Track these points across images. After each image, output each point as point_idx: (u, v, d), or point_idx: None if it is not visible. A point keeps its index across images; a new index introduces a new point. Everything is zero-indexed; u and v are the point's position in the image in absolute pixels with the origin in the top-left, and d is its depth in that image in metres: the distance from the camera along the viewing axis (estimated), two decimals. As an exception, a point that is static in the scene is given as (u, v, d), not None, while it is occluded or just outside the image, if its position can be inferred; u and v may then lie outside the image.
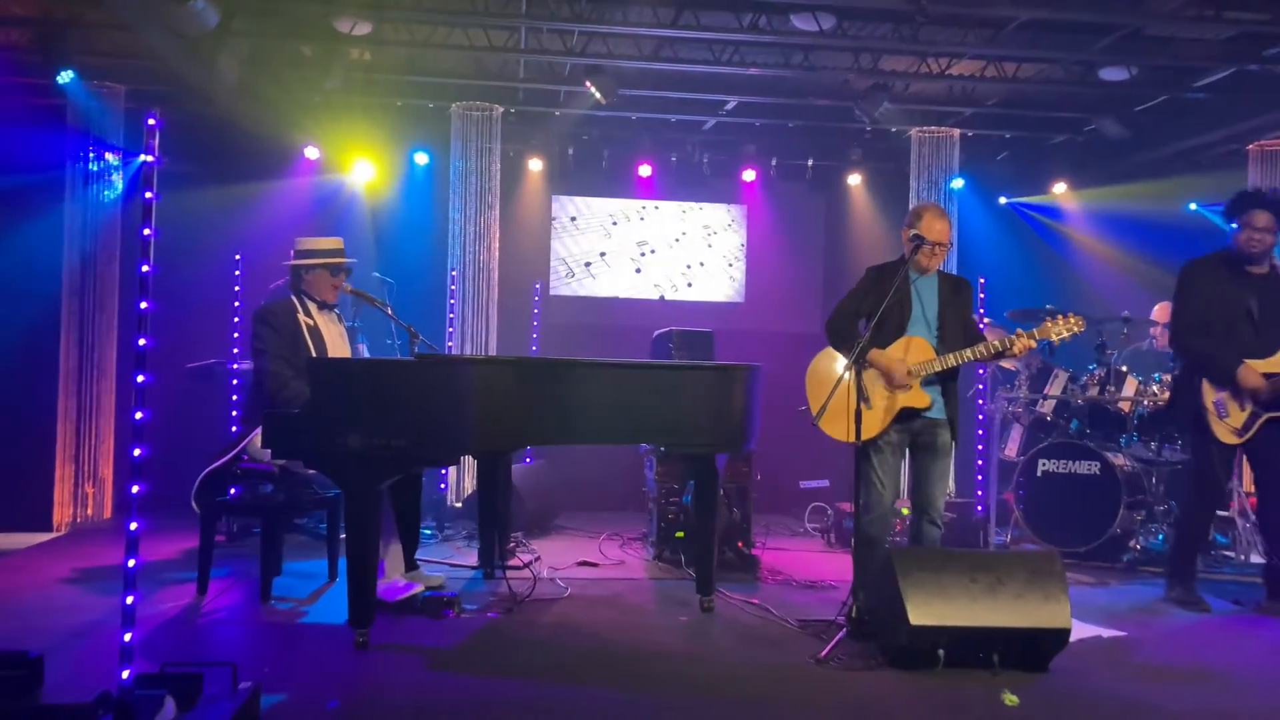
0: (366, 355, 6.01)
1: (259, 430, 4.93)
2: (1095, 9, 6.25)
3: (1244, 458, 5.63)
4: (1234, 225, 5.32)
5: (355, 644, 4.22)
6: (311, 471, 5.02)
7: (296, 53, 7.38)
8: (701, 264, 9.60)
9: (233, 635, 4.54)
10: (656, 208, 9.53)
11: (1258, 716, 3.75)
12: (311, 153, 8.38)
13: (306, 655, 4.23)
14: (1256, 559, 6.48)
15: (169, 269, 7.93)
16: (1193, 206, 8.67)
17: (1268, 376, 5.12)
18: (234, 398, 7.27)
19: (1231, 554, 6.79)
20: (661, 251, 9.54)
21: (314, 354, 4.98)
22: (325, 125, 8.34)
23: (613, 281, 9.47)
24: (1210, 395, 5.26)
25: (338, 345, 5.19)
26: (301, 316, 5.10)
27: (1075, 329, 4.72)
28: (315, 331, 5.08)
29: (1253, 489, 6.05)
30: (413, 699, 3.69)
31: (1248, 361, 5.14)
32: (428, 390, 4.21)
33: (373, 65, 7.73)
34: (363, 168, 8.61)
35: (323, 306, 5.20)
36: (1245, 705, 3.87)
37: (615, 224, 9.49)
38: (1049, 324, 4.73)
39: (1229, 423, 5.23)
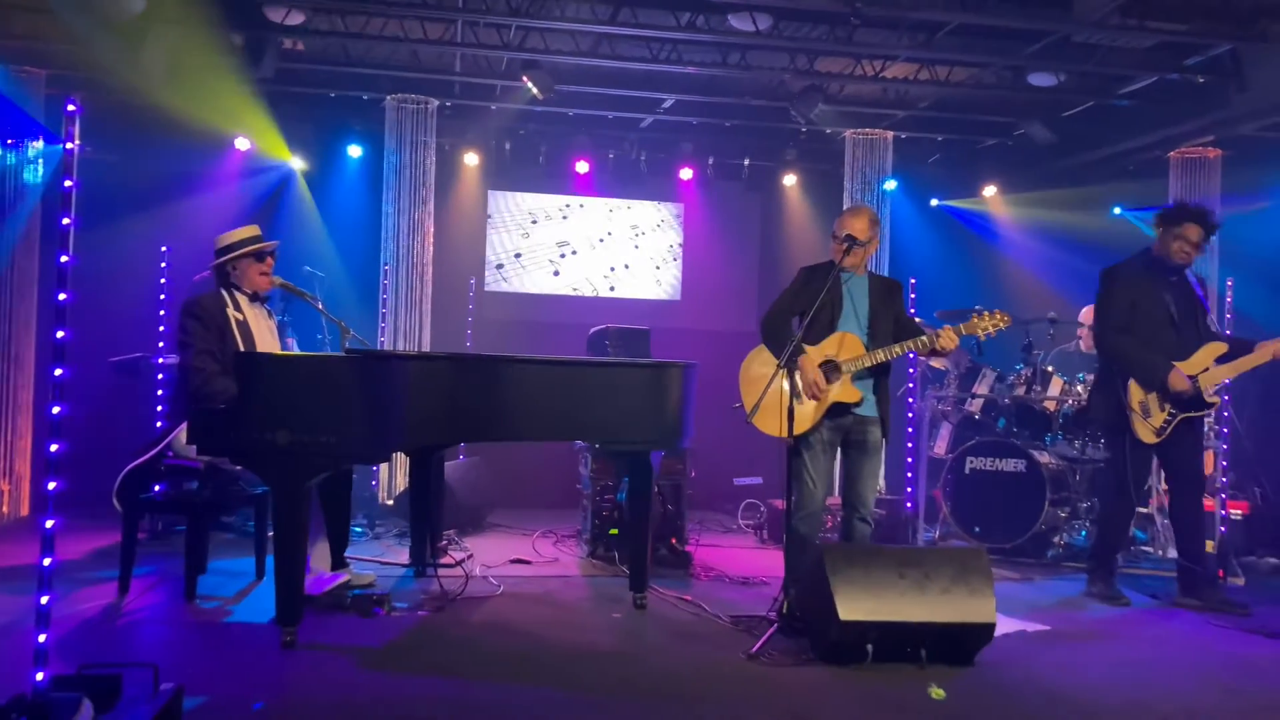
0: (296, 350, 5.90)
1: (184, 426, 4.85)
2: (1025, 15, 6.37)
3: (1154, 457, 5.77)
4: (1164, 232, 5.43)
5: (282, 643, 4.14)
6: (238, 468, 4.93)
7: (227, 41, 7.21)
8: (638, 262, 9.60)
9: (155, 635, 4.43)
10: (594, 204, 9.51)
11: (1174, 705, 3.85)
12: (242, 143, 8.22)
13: (232, 655, 4.15)
14: (1173, 554, 6.67)
15: (92, 260, 7.71)
16: (1117, 211, 8.88)
17: (1189, 379, 5.26)
18: (160, 393, 7.10)
19: (1150, 550, 6.98)
20: (598, 248, 9.53)
21: (242, 349, 4.88)
22: (256, 116, 8.18)
23: (549, 278, 9.43)
24: (1137, 396, 5.36)
25: (267, 340, 5.09)
26: (231, 311, 4.99)
27: (1000, 324, 4.80)
28: (244, 326, 4.98)
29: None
30: (341, 698, 3.64)
31: (1176, 365, 5.27)
32: (357, 386, 4.15)
33: (305, 55, 7.60)
34: (295, 160, 8.47)
35: (253, 299, 5.09)
36: (1162, 694, 3.97)
37: (551, 220, 9.46)
38: (975, 320, 4.81)
39: (1150, 423, 5.35)
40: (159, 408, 6.92)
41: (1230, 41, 6.59)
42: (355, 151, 8.60)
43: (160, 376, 7.06)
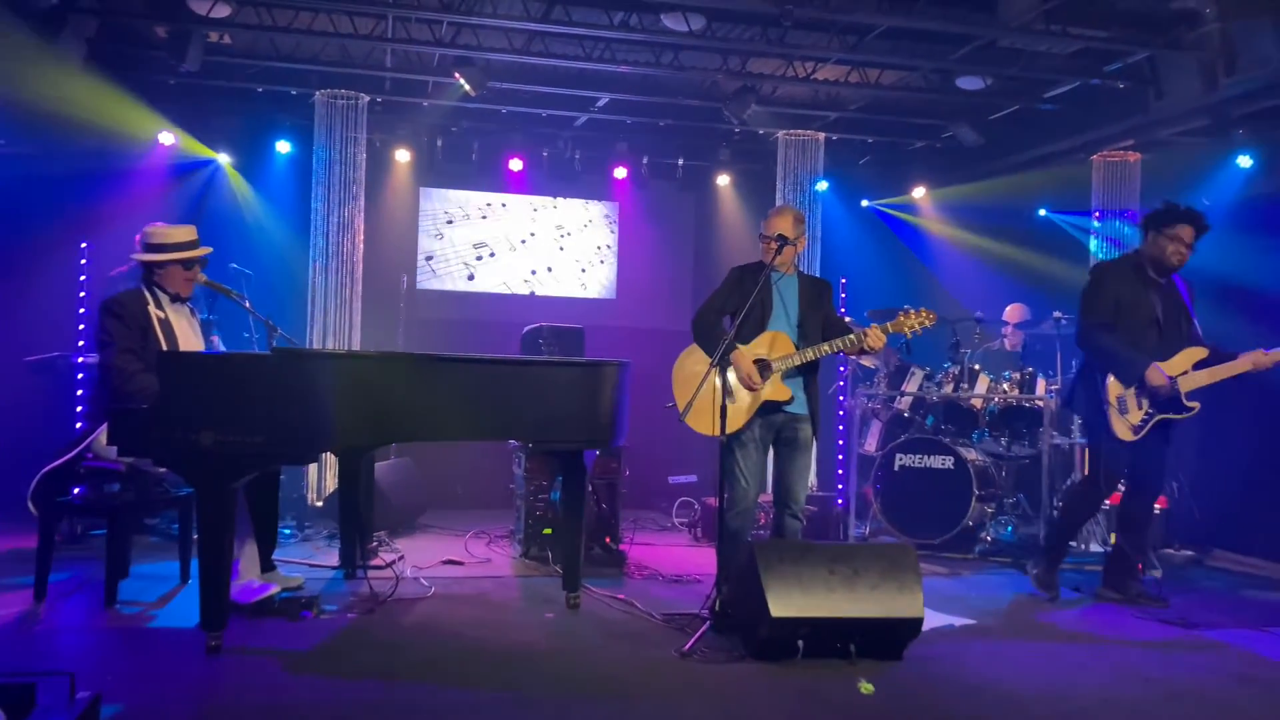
0: (221, 349, 5.78)
1: (104, 427, 4.71)
2: (951, 19, 6.47)
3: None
4: (1155, 234, 5.43)
5: (207, 648, 4.06)
6: (162, 470, 4.81)
7: (150, 33, 7.05)
8: (571, 261, 9.58)
9: (72, 643, 4.30)
10: (526, 202, 9.47)
11: (1094, 695, 3.95)
12: (166, 138, 8.02)
13: (154, 661, 4.05)
14: (1095, 548, 6.84)
15: (5, 257, 7.53)
16: (1042, 213, 9.07)
17: (1168, 378, 5.31)
18: (79, 392, 6.92)
19: (1073, 543, 7.12)
20: (532, 246, 9.49)
21: (164, 348, 4.76)
22: (181, 110, 8.01)
23: (482, 276, 9.37)
24: (1115, 391, 5.38)
25: (190, 339, 4.97)
26: (152, 309, 4.86)
27: (926, 322, 4.86)
28: (166, 325, 4.85)
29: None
30: (267, 703, 3.57)
31: (1155, 363, 5.31)
32: (284, 385, 4.08)
33: (232, 49, 7.45)
34: (222, 155, 8.30)
35: (175, 299, 4.97)
36: (1083, 685, 4.07)
37: (485, 218, 9.40)
38: (902, 318, 4.87)
39: (1128, 419, 5.36)
40: (78, 408, 6.74)
41: (1148, 49, 6.77)
42: (284, 147, 8.45)
43: (80, 376, 6.88)
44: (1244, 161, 7.33)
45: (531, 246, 9.48)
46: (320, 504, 7.57)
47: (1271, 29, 6.09)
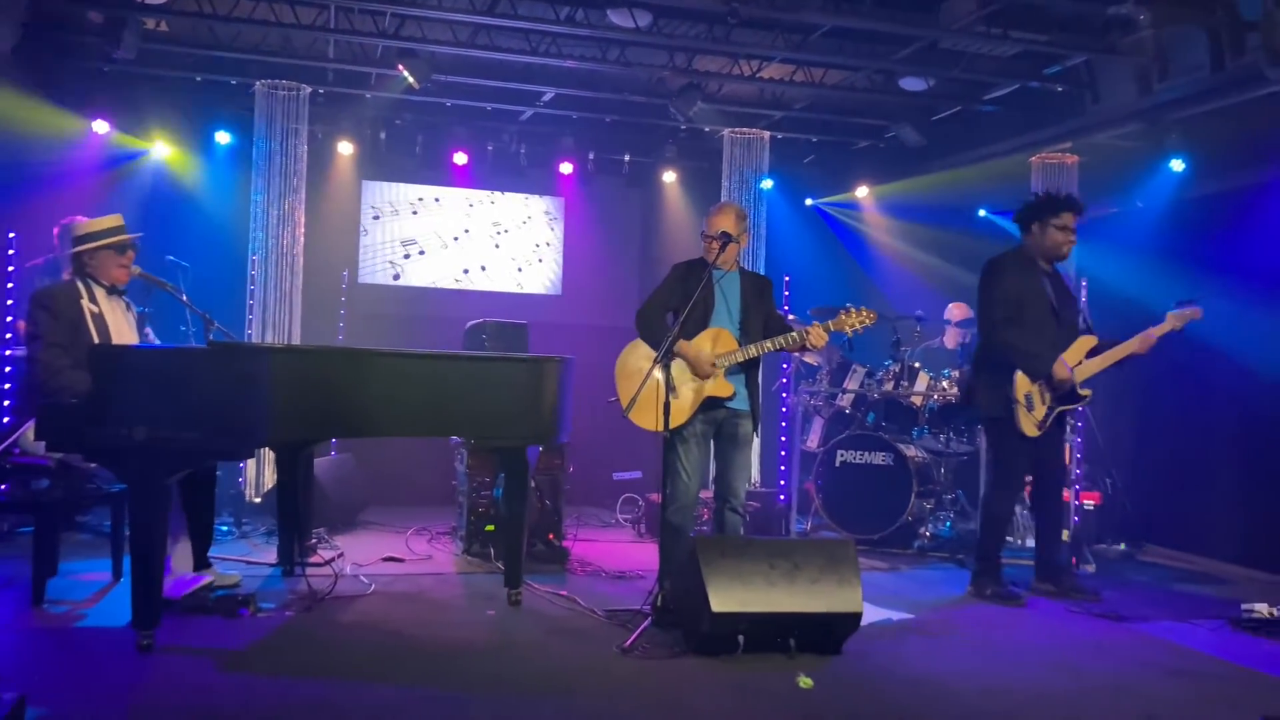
0: (156, 343, 5.66)
1: (32, 423, 4.60)
2: (895, 20, 6.53)
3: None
4: (1039, 226, 5.50)
5: (138, 647, 3.98)
6: (93, 465, 4.71)
7: (84, 18, 6.88)
8: (516, 256, 9.54)
9: (-2, 643, 4.21)
10: (471, 197, 9.41)
11: (1028, 688, 4.01)
12: (101, 126, 7.84)
13: (82, 661, 3.95)
14: (1031, 544, 6.94)
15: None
16: (982, 213, 9.20)
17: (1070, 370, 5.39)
18: (6, 386, 6.73)
19: (1010, 539, 7.25)
20: (475, 241, 9.43)
21: (97, 342, 4.66)
22: (117, 98, 7.83)
23: (425, 271, 9.29)
24: (1023, 388, 5.40)
25: (125, 333, 4.86)
26: (85, 303, 4.73)
27: (866, 321, 4.92)
28: (100, 319, 4.73)
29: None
30: (199, 703, 3.51)
31: (1060, 357, 5.36)
32: (219, 380, 4.01)
33: (170, 37, 7.30)
34: (159, 145, 8.13)
35: (111, 291, 4.85)
36: (1018, 678, 4.13)
37: (428, 212, 9.32)
38: (843, 316, 4.92)
39: (1034, 416, 5.41)
40: (4, 402, 6.57)
41: (1085, 53, 6.89)
42: (224, 138, 8.30)
43: (7, 370, 6.69)
44: (1177, 165, 7.48)
45: (475, 241, 9.42)
46: (259, 500, 7.46)
47: (1202, 36, 6.23)
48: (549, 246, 9.64)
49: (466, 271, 9.38)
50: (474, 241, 9.42)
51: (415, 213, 9.29)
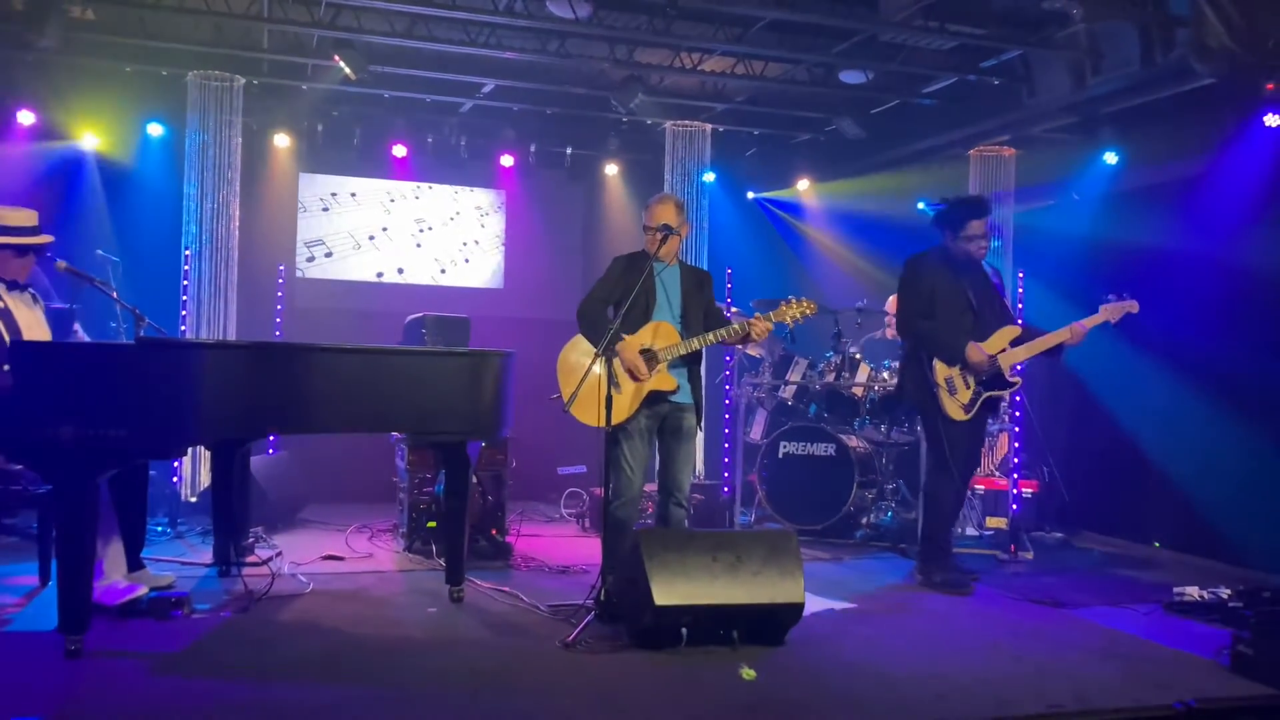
0: (85, 339, 5.51)
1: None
2: (834, 13, 6.56)
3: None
4: (951, 234, 5.67)
5: (66, 652, 3.87)
6: (17, 466, 4.57)
7: (5, 4, 6.67)
8: (462, 248, 9.45)
9: (-80, 649, 4.07)
10: (416, 190, 9.31)
11: (968, 673, 4.05)
12: (25, 117, 7.61)
13: (8, 667, 3.83)
14: (971, 531, 7.05)
15: None
16: (920, 206, 9.28)
17: (989, 355, 5.52)
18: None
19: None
20: (421, 234, 9.33)
21: (5, 338, 4.51)
22: (42, 88, 7.61)
23: (367, 265, 9.17)
24: (943, 373, 5.57)
25: (34, 329, 4.67)
26: None
27: (807, 311, 4.96)
28: (7, 314, 4.58)
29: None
30: (131, 707, 3.43)
31: (972, 342, 5.52)
32: (148, 376, 3.91)
33: (97, 25, 7.11)
34: (88, 137, 7.92)
35: (13, 287, 4.70)
36: (958, 664, 4.18)
37: (366, 205, 9.19)
38: (784, 307, 4.95)
39: (958, 399, 5.56)
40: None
41: (1021, 47, 6.98)
42: (156, 130, 8.10)
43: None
44: (1110, 158, 7.62)
45: (416, 234, 9.31)
46: (194, 499, 7.30)
47: (1134, 31, 6.34)
48: (490, 240, 9.56)
49: (405, 266, 9.26)
50: (412, 235, 9.31)
51: (355, 206, 9.15)
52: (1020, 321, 6.21)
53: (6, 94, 7.44)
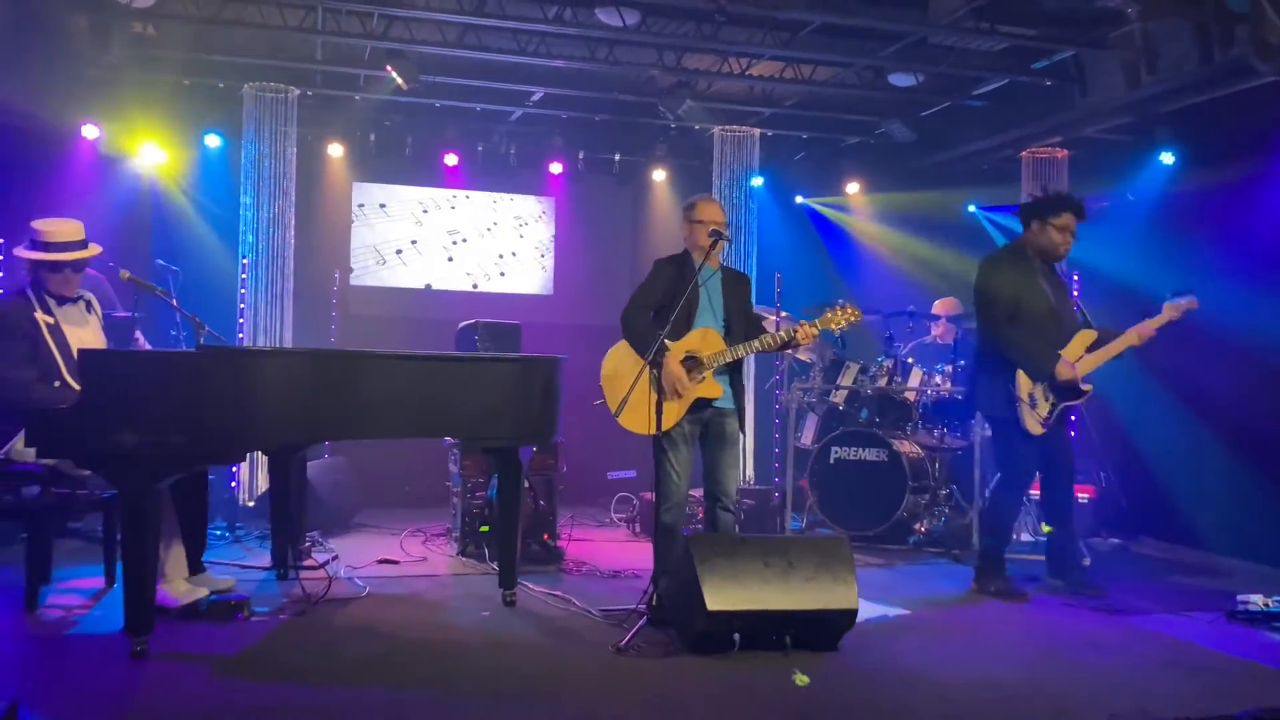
0: (146, 347, 5.64)
1: (22, 432, 4.56)
2: (883, 16, 6.54)
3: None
4: (1039, 225, 5.47)
5: (131, 653, 3.96)
6: (85, 472, 4.69)
7: (69, 22, 6.85)
8: (508, 256, 9.52)
9: (-9, 650, 4.19)
10: (462, 198, 9.40)
11: (1022, 680, 4.02)
12: (90, 131, 7.81)
13: (75, 668, 3.94)
14: (1026, 537, 6.96)
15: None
16: (971, 209, 9.21)
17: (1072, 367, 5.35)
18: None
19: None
20: (470, 241, 9.42)
21: (56, 354, 4.62)
22: (105, 103, 7.80)
23: (418, 272, 9.27)
24: (1025, 387, 5.37)
25: (84, 338, 4.76)
26: (39, 315, 4.67)
27: (852, 318, 4.91)
28: (56, 329, 4.67)
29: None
30: (193, 709, 3.50)
31: (1062, 355, 5.33)
32: (209, 384, 3.99)
33: (157, 41, 7.28)
34: (149, 149, 8.10)
35: (63, 301, 4.79)
36: (1011, 670, 4.14)
37: (424, 213, 9.30)
38: (829, 314, 4.92)
39: (1038, 414, 5.37)
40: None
41: (1073, 47, 6.90)
42: (213, 141, 8.27)
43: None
44: (1166, 159, 7.50)
45: (468, 242, 9.40)
46: (252, 504, 7.44)
47: (1190, 29, 6.24)
48: (540, 246, 9.63)
49: (458, 273, 9.36)
50: (465, 242, 9.40)
51: (406, 214, 9.26)
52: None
53: (72, 109, 7.63)
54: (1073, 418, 6.86)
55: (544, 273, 9.63)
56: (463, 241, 9.40)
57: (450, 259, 9.36)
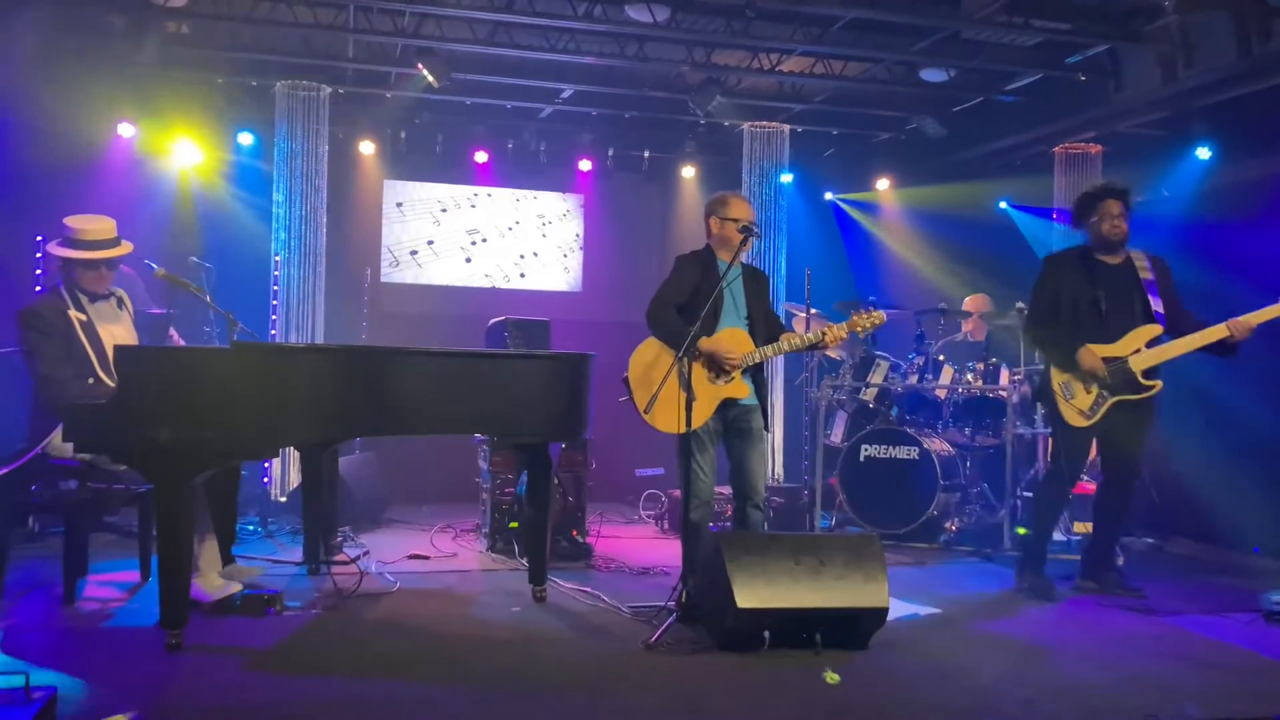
0: (180, 344, 5.70)
1: (59, 428, 4.62)
2: (915, 11, 6.50)
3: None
4: (1091, 220, 5.40)
5: (167, 646, 4.00)
6: (121, 466, 4.74)
7: (105, 23, 6.93)
8: (538, 253, 9.54)
9: (30, 642, 4.22)
10: (491, 195, 9.42)
11: (1054, 679, 3.98)
12: (126, 130, 7.91)
13: (113, 659, 3.99)
14: (1059, 536, 6.88)
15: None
16: (1002, 205, 9.13)
17: (1108, 360, 5.26)
18: (35, 389, 6.79)
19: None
20: (497, 239, 9.44)
21: (89, 351, 4.68)
22: (140, 101, 7.89)
23: (447, 269, 9.31)
24: (1058, 379, 5.39)
25: (118, 336, 4.82)
26: (72, 312, 4.73)
27: (877, 321, 4.91)
28: (89, 327, 4.73)
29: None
30: (226, 701, 3.53)
31: (1087, 345, 5.28)
32: (242, 380, 4.02)
33: (191, 40, 7.35)
34: (183, 147, 8.19)
35: (95, 297, 4.85)
36: (1043, 670, 4.11)
37: (449, 210, 9.33)
38: (855, 318, 4.91)
39: (1075, 404, 5.34)
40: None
41: (1108, 41, 6.83)
42: (246, 139, 8.35)
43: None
44: (1203, 153, 7.40)
45: (498, 239, 9.43)
46: (284, 499, 7.51)
47: (1228, 21, 6.16)
48: (569, 243, 9.64)
49: (490, 269, 9.39)
50: (494, 240, 9.43)
51: (436, 211, 9.30)
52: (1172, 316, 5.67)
53: (108, 108, 7.72)
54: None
55: (573, 269, 9.64)
56: (492, 239, 9.42)
57: (479, 256, 9.39)
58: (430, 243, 9.26)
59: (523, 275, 9.50)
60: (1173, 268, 5.60)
